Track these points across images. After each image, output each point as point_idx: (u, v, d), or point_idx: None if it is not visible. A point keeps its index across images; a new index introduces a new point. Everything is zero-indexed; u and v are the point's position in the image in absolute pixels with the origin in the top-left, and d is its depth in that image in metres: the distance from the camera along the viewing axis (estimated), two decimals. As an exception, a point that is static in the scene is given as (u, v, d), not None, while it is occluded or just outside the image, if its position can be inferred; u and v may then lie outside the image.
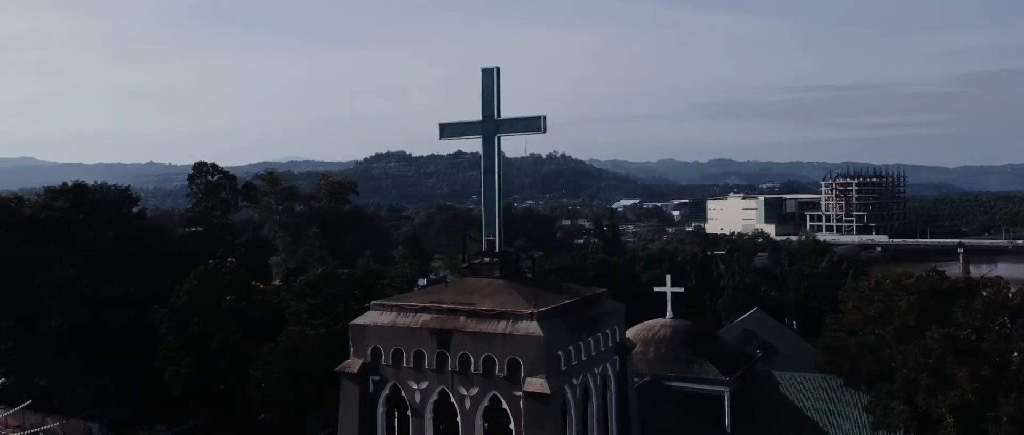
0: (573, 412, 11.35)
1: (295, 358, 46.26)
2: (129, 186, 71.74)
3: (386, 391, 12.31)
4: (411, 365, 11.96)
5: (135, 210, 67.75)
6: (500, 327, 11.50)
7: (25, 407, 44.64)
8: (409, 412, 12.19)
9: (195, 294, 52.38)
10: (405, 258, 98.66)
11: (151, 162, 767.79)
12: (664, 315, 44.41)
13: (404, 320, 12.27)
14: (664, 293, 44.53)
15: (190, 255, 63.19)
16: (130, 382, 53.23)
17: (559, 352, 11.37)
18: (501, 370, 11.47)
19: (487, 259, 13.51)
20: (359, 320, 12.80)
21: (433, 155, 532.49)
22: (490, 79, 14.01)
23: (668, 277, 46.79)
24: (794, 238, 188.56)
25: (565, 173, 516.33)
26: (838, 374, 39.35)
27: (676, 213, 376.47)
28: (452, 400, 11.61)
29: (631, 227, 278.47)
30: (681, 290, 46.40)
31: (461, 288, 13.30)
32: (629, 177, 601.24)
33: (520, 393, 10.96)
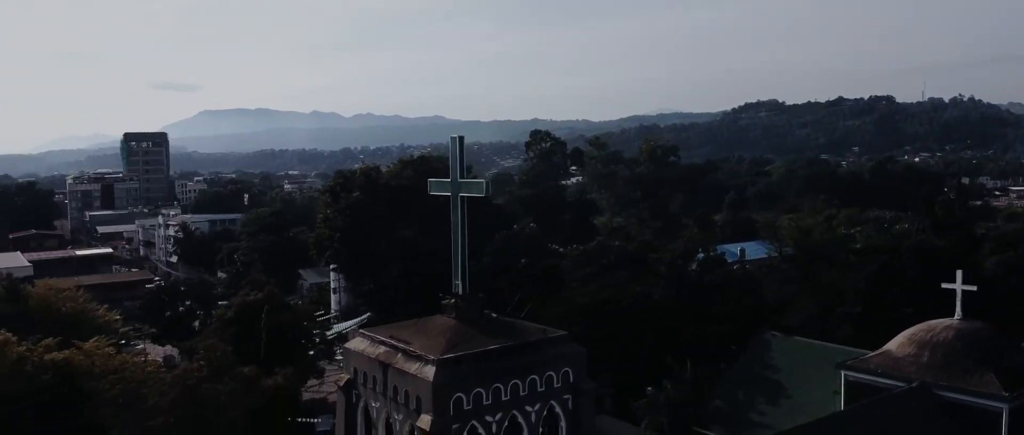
0: None
1: (564, 323, 50.89)
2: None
3: (361, 404, 15.40)
4: (371, 387, 14.88)
5: (472, 175, 77.78)
6: (413, 368, 14.03)
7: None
8: (373, 426, 15.21)
9: (497, 255, 59.79)
10: (727, 221, 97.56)
11: (535, 118, 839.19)
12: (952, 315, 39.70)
13: (370, 350, 15.15)
14: (959, 291, 39.65)
15: (508, 217, 71.38)
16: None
17: (459, 394, 13.47)
18: (411, 404, 13.85)
19: (450, 302, 15.69)
20: (348, 344, 16.03)
21: (809, 103, 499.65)
22: (457, 145, 17.61)
23: (958, 273, 41.36)
24: None
25: (971, 121, 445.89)
26: None
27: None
28: (392, 421, 14.34)
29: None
30: (974, 288, 40.72)
31: (421, 326, 15.66)
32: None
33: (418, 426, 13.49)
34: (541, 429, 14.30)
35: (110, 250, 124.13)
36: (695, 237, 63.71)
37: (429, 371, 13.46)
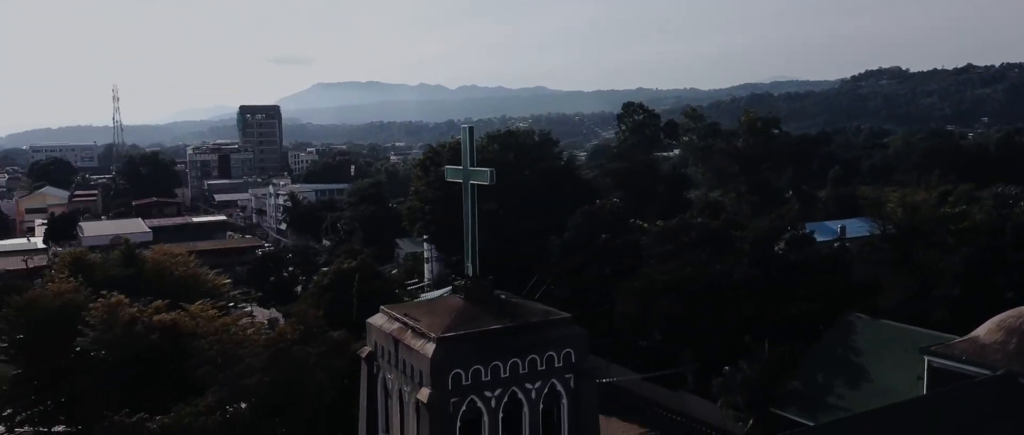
0: (486, 419, 14.32)
1: (644, 298, 50.87)
2: (550, 132, 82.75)
3: (380, 376, 16.29)
4: (387, 360, 15.75)
5: (558, 150, 77.81)
6: (417, 344, 14.86)
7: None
8: (389, 397, 16.12)
9: (579, 230, 60.16)
10: (830, 197, 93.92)
11: (640, 87, 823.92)
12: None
13: (386, 325, 15.96)
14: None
15: (599, 191, 71.52)
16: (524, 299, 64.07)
17: (458, 371, 14.22)
18: (416, 378, 14.71)
19: (462, 283, 16.39)
20: (369, 319, 17.01)
21: (934, 70, 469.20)
22: (467, 136, 18.28)
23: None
24: None
25: None
26: None
27: None
28: (403, 392, 15.20)
29: None
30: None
31: (432, 305, 16.64)
32: None
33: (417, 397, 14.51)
34: (542, 405, 14.94)
35: (224, 218, 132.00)
36: (788, 214, 61.88)
37: (429, 348, 14.35)
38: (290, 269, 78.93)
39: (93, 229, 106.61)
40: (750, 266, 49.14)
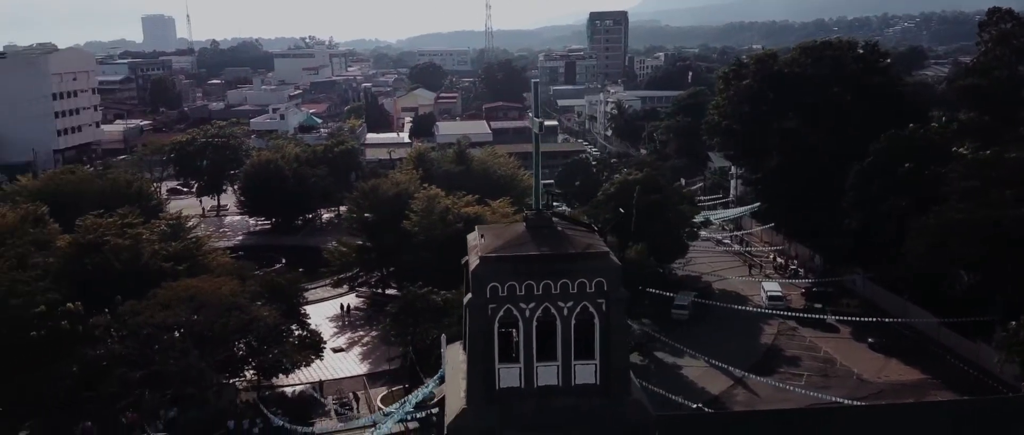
0: (521, 326, 17.32)
1: (939, 237, 46.15)
2: (878, 42, 74.91)
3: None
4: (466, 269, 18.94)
5: (883, 64, 70.33)
6: (472, 259, 18.14)
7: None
8: None
9: (881, 156, 55.39)
10: None
11: None
12: None
13: (472, 241, 19.30)
14: None
15: (920, 114, 64.45)
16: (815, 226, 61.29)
17: (495, 284, 17.05)
18: (468, 284, 18.21)
19: (528, 214, 19.30)
20: (469, 235, 20.26)
21: None
22: (535, 89, 21.60)
23: None
24: None
25: None
26: None
27: None
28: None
29: None
30: None
31: (502, 230, 19.47)
32: None
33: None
34: (574, 322, 17.38)
35: (554, 122, 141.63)
36: None
37: (475, 263, 17.72)
38: (595, 173, 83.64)
39: (446, 128, 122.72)
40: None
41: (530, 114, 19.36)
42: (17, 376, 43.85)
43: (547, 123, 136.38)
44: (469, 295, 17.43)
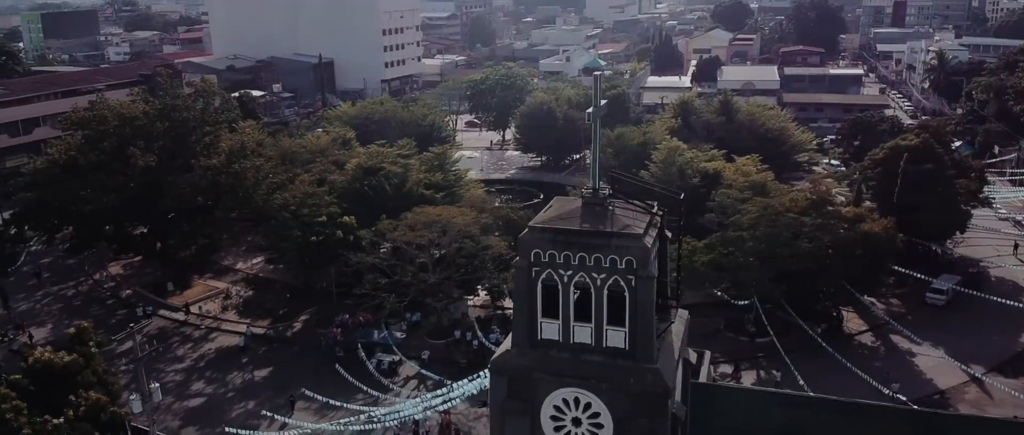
0: (561, 289, 19.41)
1: None
2: None
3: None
4: None
5: None
6: (525, 231, 20.22)
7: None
8: None
9: None
10: None
11: None
12: None
13: (542, 213, 21.37)
14: None
15: None
16: None
17: (537, 250, 19.27)
18: (520, 248, 20.20)
19: (585, 193, 20.85)
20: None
21: None
22: (596, 82, 22.63)
23: None
24: None
25: None
26: None
27: None
28: None
29: None
30: None
31: (562, 202, 21.58)
32: None
33: (518, 260, 20.44)
34: (607, 292, 19.15)
35: (860, 72, 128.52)
36: None
37: (524, 232, 19.96)
38: (879, 133, 76.43)
39: (731, 73, 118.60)
40: None
41: (594, 103, 20.38)
42: (305, 271, 54.55)
43: (851, 72, 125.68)
44: (516, 258, 19.93)
